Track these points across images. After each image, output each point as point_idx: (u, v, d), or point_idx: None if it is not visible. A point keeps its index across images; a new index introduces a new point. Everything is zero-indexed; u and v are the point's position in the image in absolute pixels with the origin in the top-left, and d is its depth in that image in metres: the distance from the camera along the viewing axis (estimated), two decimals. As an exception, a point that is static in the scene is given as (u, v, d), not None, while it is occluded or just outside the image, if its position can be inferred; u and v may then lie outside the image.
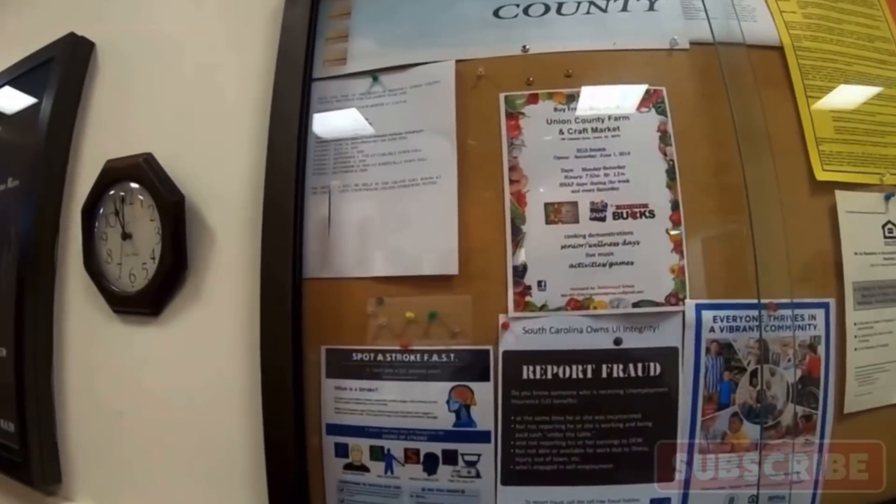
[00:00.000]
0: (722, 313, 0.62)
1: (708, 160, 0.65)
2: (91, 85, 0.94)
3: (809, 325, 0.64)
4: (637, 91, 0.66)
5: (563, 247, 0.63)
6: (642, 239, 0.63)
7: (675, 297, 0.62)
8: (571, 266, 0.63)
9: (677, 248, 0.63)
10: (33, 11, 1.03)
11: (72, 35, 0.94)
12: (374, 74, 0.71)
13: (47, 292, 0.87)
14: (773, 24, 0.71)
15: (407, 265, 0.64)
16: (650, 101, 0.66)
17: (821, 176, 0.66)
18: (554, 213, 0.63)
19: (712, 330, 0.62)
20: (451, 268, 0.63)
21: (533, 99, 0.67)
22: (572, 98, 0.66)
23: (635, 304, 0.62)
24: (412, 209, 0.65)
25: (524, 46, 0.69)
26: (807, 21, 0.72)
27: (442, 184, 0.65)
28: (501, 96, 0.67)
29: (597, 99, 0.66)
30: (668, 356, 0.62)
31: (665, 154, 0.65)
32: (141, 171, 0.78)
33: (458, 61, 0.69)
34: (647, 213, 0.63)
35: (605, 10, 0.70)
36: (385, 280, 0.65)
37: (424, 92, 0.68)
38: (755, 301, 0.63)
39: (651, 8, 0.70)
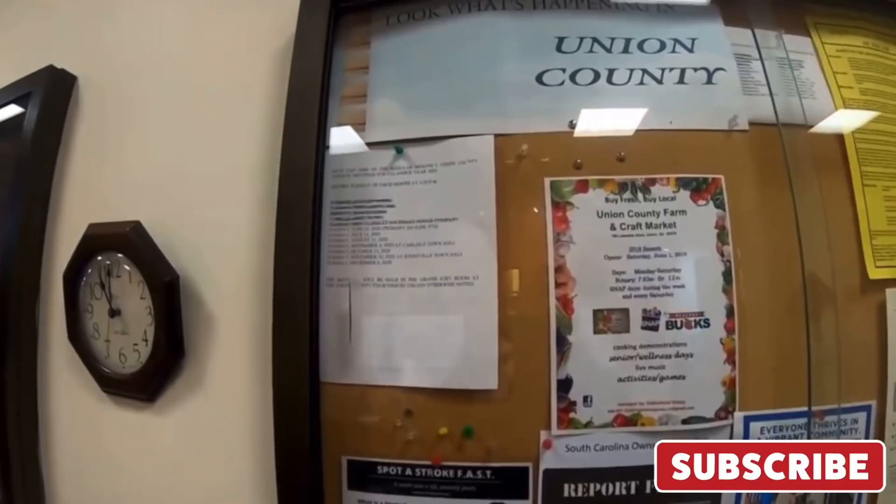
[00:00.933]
0: (769, 424, 0.51)
1: (764, 259, 0.52)
2: (73, 123, 0.72)
3: (851, 429, 0.54)
4: (696, 181, 0.52)
5: (611, 359, 0.50)
6: (696, 351, 0.50)
7: (725, 411, 0.50)
8: (620, 380, 0.50)
9: (730, 358, 0.50)
10: (12, 45, 0.78)
11: (51, 68, 0.70)
12: (397, 146, 0.53)
13: (29, 361, 0.69)
14: (832, 101, 0.56)
15: (440, 377, 0.50)
16: (708, 192, 0.52)
17: (874, 274, 0.54)
18: (603, 321, 0.50)
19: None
20: (490, 382, 0.49)
21: (582, 187, 0.51)
22: (625, 187, 0.51)
23: (685, 421, 0.50)
24: (446, 313, 0.50)
25: (572, 122, 0.52)
26: (863, 98, 0.58)
27: (480, 287, 0.49)
28: (547, 182, 0.51)
29: (653, 189, 0.51)
30: (714, 470, 0.51)
31: (722, 255, 0.51)
32: (128, 242, 0.59)
33: (496, 136, 0.52)
34: (702, 323, 0.50)
35: (660, 82, 0.54)
36: (415, 390, 0.51)
37: (459, 172, 0.52)
38: (803, 409, 0.52)
39: (709, 81, 0.54)
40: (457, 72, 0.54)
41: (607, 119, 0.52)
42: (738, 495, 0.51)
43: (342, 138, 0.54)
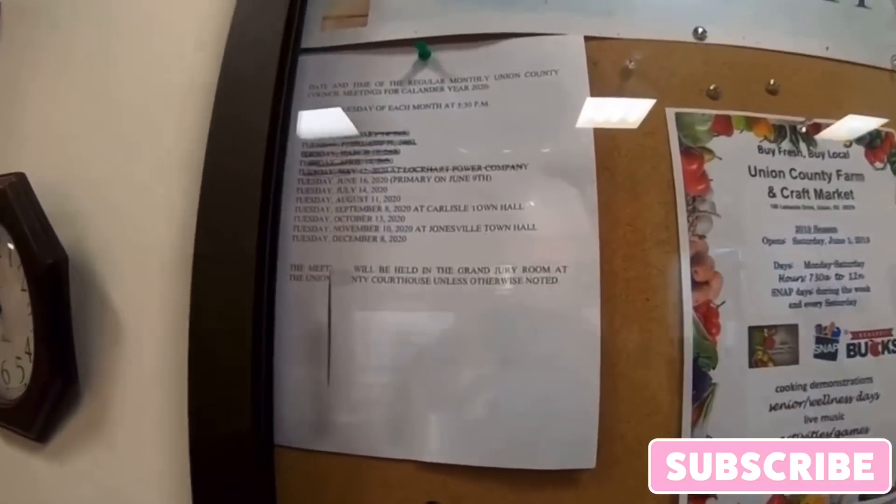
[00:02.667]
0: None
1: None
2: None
3: None
4: (869, 134, 0.20)
5: (773, 407, 0.18)
6: (883, 389, 0.19)
7: (906, 475, 0.19)
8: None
9: (912, 397, 0.20)
10: None
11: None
12: (422, 47, 0.18)
13: None
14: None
15: (492, 449, 0.16)
16: (883, 150, 0.21)
17: None
18: (763, 345, 0.18)
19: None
20: (585, 458, 0.16)
21: (723, 125, 0.19)
22: (782, 133, 0.19)
23: (863, 497, 0.19)
24: (506, 332, 0.16)
25: (698, 29, 0.20)
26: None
27: (569, 286, 0.16)
28: (671, 114, 0.18)
29: (818, 140, 0.20)
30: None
31: (907, 242, 0.20)
32: (5, 204, 0.21)
33: (588, 39, 0.18)
34: (891, 346, 0.19)
35: (806, -9, 0.22)
36: (446, 469, 0.16)
37: (528, 89, 0.18)
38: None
39: (861, 3, 0.23)
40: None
41: (745, 30, 0.20)
42: None
43: (329, 37, 0.19)
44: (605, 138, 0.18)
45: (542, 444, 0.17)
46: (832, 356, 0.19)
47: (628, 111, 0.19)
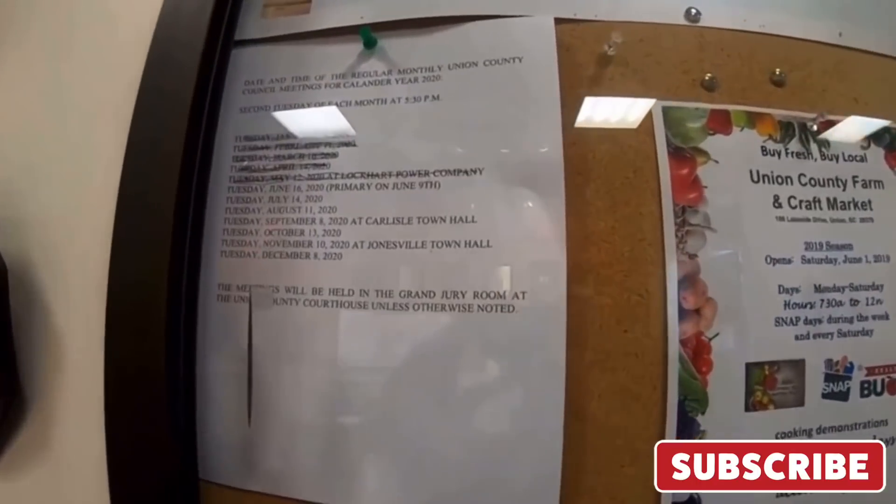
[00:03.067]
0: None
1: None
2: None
3: None
4: (889, 133, 0.16)
5: None
6: None
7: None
8: (780, 496, 0.14)
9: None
10: None
11: None
12: (365, 33, 0.15)
13: None
14: None
15: (441, 491, 0.12)
16: None
17: None
18: (764, 384, 0.14)
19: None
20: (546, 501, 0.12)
21: (720, 122, 0.15)
22: (791, 130, 0.15)
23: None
24: (457, 371, 0.13)
25: (691, 10, 0.15)
26: None
27: (529, 313, 0.12)
28: (658, 109, 0.14)
29: (832, 140, 0.15)
30: None
31: (933, 260, 0.16)
32: None
33: (559, 21, 0.14)
34: (914, 382, 0.15)
35: (817, -33, 0.18)
36: None
37: (487, 80, 0.14)
38: None
39: (879, -19, 0.18)
40: None
41: (746, 11, 0.16)
42: None
43: (269, 26, 0.15)
44: (578, 138, 0.14)
45: (495, 500, 0.13)
46: (843, 396, 0.15)
47: (606, 105, 0.15)
